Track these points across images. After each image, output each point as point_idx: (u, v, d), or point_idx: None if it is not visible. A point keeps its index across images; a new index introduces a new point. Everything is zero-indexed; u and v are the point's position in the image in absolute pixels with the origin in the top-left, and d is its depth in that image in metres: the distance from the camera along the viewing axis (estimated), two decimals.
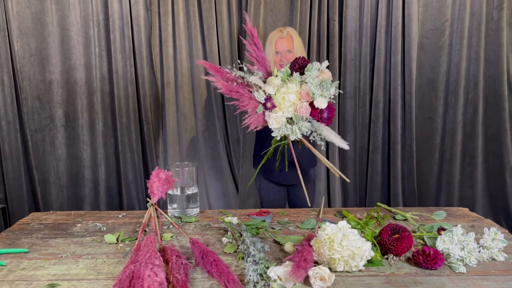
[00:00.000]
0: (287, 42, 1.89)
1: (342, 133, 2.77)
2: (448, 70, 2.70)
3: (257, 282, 0.94)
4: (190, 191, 1.46)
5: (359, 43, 2.67)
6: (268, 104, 1.33)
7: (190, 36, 2.64)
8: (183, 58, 2.65)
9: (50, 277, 1.02)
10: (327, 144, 2.75)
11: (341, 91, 1.54)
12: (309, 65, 1.36)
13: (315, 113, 1.35)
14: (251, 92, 1.36)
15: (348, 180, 1.46)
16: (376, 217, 1.40)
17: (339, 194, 2.79)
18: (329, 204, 2.82)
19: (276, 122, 1.33)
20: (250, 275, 0.95)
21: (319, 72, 1.37)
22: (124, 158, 2.71)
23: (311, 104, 1.35)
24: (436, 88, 2.72)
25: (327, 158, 2.76)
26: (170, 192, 1.44)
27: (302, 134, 1.36)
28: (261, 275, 0.96)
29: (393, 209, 1.51)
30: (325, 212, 1.53)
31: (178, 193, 1.45)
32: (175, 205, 1.46)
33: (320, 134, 1.38)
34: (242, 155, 2.69)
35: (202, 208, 1.54)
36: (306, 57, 1.87)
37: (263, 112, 1.35)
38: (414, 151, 2.74)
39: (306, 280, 0.96)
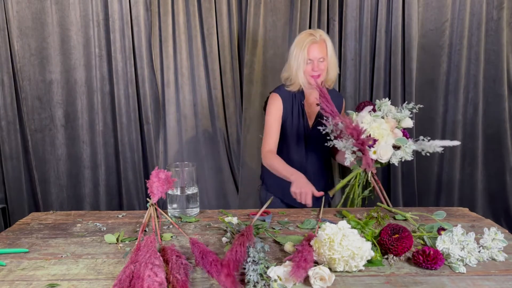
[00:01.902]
0: (321, 49, 1.67)
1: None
2: (448, 70, 2.70)
3: (257, 282, 0.94)
4: (190, 191, 1.46)
5: (359, 43, 2.67)
6: (370, 141, 1.47)
7: (190, 36, 2.64)
8: (183, 58, 2.65)
9: (50, 277, 1.02)
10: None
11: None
12: (378, 103, 1.59)
13: (405, 135, 1.57)
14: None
15: (392, 209, 1.52)
16: (376, 217, 1.40)
17: (339, 194, 2.78)
18: (329, 204, 2.81)
19: (386, 153, 1.49)
20: (250, 275, 0.96)
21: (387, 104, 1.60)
22: (124, 158, 2.71)
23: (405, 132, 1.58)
24: (436, 88, 2.72)
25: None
26: (170, 192, 1.44)
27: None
28: (261, 275, 0.96)
29: (393, 209, 1.51)
30: (325, 212, 1.53)
31: (178, 193, 1.46)
32: (175, 205, 1.46)
33: (423, 150, 1.60)
34: (242, 155, 2.69)
35: (202, 208, 1.54)
36: (337, 67, 1.80)
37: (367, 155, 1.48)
38: (414, 151, 2.74)
39: (306, 280, 0.96)
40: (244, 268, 1.00)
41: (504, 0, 2.57)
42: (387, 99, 1.62)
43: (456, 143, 1.57)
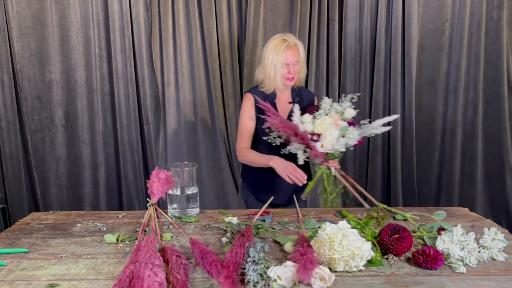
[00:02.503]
0: (295, 53, 1.78)
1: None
2: (448, 70, 2.70)
3: (257, 282, 0.94)
4: (190, 191, 1.46)
5: (359, 43, 2.67)
6: (315, 137, 1.60)
7: (190, 36, 2.64)
8: (183, 58, 2.65)
9: (50, 277, 1.02)
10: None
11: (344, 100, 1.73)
12: (321, 103, 1.73)
13: (351, 125, 1.65)
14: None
15: (367, 206, 1.63)
16: (376, 217, 1.40)
17: (339, 194, 2.78)
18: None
19: (331, 143, 1.60)
20: (250, 275, 0.96)
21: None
22: (124, 158, 2.71)
23: (350, 123, 1.66)
24: (436, 88, 2.72)
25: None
26: (170, 192, 1.44)
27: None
28: (261, 275, 0.96)
29: (393, 209, 1.51)
30: (325, 212, 1.53)
31: (178, 193, 1.45)
32: (175, 205, 1.46)
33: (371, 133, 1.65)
34: None
35: (202, 208, 1.54)
36: (306, 65, 1.92)
37: (317, 151, 1.61)
38: (414, 151, 2.74)
39: None
40: (244, 268, 1.00)
41: (504, 0, 2.57)
42: (326, 97, 1.75)
43: (395, 116, 1.69)
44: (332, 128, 1.61)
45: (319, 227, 1.31)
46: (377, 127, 1.64)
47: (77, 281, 0.99)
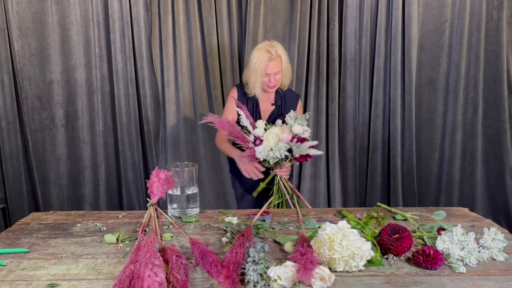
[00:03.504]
0: (277, 64, 1.84)
1: (342, 133, 2.77)
2: (448, 70, 2.70)
3: (257, 282, 0.94)
4: (190, 191, 1.46)
5: (359, 43, 2.67)
6: (257, 141, 1.75)
7: (190, 36, 2.64)
8: (183, 58, 2.65)
9: (50, 277, 1.02)
10: (327, 145, 2.76)
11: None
12: (287, 116, 1.85)
13: (298, 141, 1.72)
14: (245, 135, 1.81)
15: (310, 207, 1.69)
16: (376, 217, 1.40)
17: (339, 194, 2.79)
18: (329, 204, 2.82)
19: (264, 150, 1.72)
20: (250, 275, 0.96)
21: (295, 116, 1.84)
22: (124, 158, 2.71)
23: (298, 139, 1.74)
24: (436, 88, 2.72)
25: (327, 158, 2.77)
26: (170, 192, 1.44)
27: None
28: (261, 275, 0.96)
29: (393, 209, 1.51)
30: (325, 212, 1.53)
31: (178, 193, 1.45)
32: (175, 205, 1.46)
33: (295, 153, 1.72)
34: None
35: (202, 208, 1.54)
36: (291, 73, 2.00)
37: (253, 154, 1.75)
38: (414, 151, 2.74)
39: None
40: (244, 268, 1.00)
41: (504, 0, 2.57)
42: (292, 111, 1.86)
43: (320, 152, 1.75)
44: (272, 138, 1.73)
45: (319, 227, 1.31)
46: (304, 148, 1.70)
47: (77, 281, 0.99)
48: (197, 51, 2.65)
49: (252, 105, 1.97)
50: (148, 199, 1.36)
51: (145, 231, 1.32)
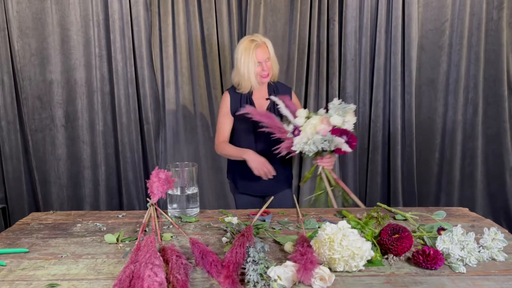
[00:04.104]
0: (264, 50, 1.84)
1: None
2: (448, 70, 2.70)
3: (257, 282, 0.94)
4: (190, 191, 1.46)
5: (359, 43, 2.67)
6: (296, 131, 1.69)
7: (190, 36, 2.64)
8: (183, 58, 2.65)
9: (50, 277, 1.02)
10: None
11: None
12: (330, 104, 1.73)
13: (336, 134, 1.63)
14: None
15: (363, 206, 1.67)
16: (376, 217, 1.40)
17: (339, 195, 2.78)
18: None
19: (298, 142, 1.67)
20: (250, 275, 0.96)
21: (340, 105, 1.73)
22: (124, 158, 2.71)
23: (336, 130, 1.64)
24: (436, 88, 2.72)
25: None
26: (170, 192, 1.44)
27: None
28: (261, 275, 0.96)
29: (393, 209, 1.51)
30: (325, 212, 1.53)
31: (178, 193, 1.45)
32: (175, 205, 1.46)
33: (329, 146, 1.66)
34: None
35: (202, 208, 1.54)
36: (277, 62, 1.97)
37: (290, 145, 1.70)
38: (414, 151, 2.74)
39: None
40: (244, 268, 1.00)
41: (504, 0, 2.57)
42: (336, 99, 1.75)
43: (349, 150, 1.66)
44: (309, 129, 1.66)
45: (319, 227, 1.31)
46: (337, 143, 1.63)
47: (77, 281, 0.99)
48: (197, 51, 2.64)
49: (246, 103, 1.96)
50: (148, 199, 1.36)
51: (145, 231, 1.32)
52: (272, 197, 1.70)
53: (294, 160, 2.29)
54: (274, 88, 1.99)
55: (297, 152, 1.69)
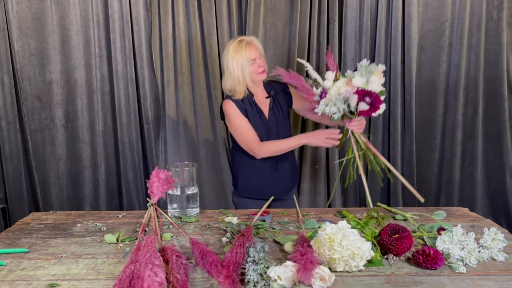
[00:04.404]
0: (255, 48, 1.85)
1: (342, 133, 2.76)
2: (448, 70, 2.70)
3: (257, 282, 0.94)
4: (190, 191, 1.46)
5: (359, 43, 2.67)
6: (322, 95, 1.70)
7: (190, 36, 2.64)
8: (183, 58, 2.65)
9: (50, 277, 1.02)
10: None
11: None
12: (359, 64, 1.72)
13: (360, 95, 1.60)
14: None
15: (422, 200, 1.68)
16: (376, 217, 1.40)
17: (339, 194, 2.78)
18: (329, 204, 2.81)
19: (321, 104, 1.68)
20: (250, 275, 0.96)
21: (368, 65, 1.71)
22: (124, 158, 2.71)
23: (359, 92, 1.61)
24: (436, 88, 2.72)
25: (327, 158, 2.77)
26: (170, 192, 1.44)
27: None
28: (261, 275, 0.96)
29: (393, 209, 1.51)
30: (325, 212, 1.53)
31: (178, 193, 1.46)
32: (175, 205, 1.46)
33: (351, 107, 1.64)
34: None
35: (202, 208, 1.54)
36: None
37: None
38: (414, 151, 2.74)
39: None
40: (244, 268, 1.00)
41: (504, 0, 2.57)
42: (365, 59, 1.73)
43: (365, 107, 1.62)
44: (334, 92, 1.64)
45: (319, 227, 1.31)
46: (353, 101, 1.61)
47: (77, 281, 0.99)
48: (197, 51, 2.64)
49: (251, 107, 1.94)
50: (148, 199, 1.36)
51: (145, 231, 1.32)
52: (272, 197, 1.70)
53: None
54: (270, 86, 1.99)
55: (319, 113, 1.69)
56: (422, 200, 1.67)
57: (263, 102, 1.98)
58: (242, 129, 1.89)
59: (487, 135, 2.75)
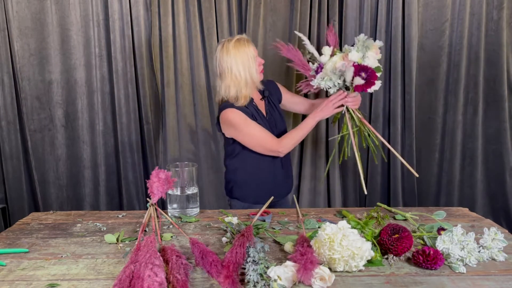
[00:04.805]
0: (253, 45, 1.81)
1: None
2: (448, 70, 2.70)
3: (257, 282, 0.94)
4: (190, 191, 1.46)
5: None
6: (318, 69, 1.70)
7: (190, 36, 2.64)
8: (183, 58, 2.65)
9: (50, 277, 1.02)
10: (327, 145, 2.75)
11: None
12: (357, 39, 1.71)
13: (356, 70, 1.59)
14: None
15: (417, 175, 1.71)
16: (376, 217, 1.40)
17: (339, 194, 2.78)
18: (329, 204, 2.81)
19: (319, 78, 1.68)
20: (250, 275, 0.96)
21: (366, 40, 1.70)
22: (124, 158, 2.71)
23: (355, 67, 1.61)
24: (436, 88, 2.72)
25: (327, 158, 2.77)
26: (170, 192, 1.44)
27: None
28: (261, 275, 0.96)
29: (393, 209, 1.51)
30: (325, 212, 1.53)
31: (178, 193, 1.46)
32: (175, 205, 1.46)
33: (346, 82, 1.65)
34: None
35: (202, 208, 1.54)
36: None
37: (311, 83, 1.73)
38: (414, 151, 2.74)
39: None
40: (244, 268, 1.00)
41: (504, 0, 2.57)
42: (362, 34, 1.73)
43: (361, 81, 1.62)
44: (330, 66, 1.65)
45: (319, 227, 1.31)
46: (349, 74, 1.60)
47: (77, 281, 0.99)
48: (197, 51, 2.64)
49: (255, 111, 1.83)
50: (148, 199, 1.36)
51: (145, 231, 1.32)
52: (272, 197, 1.70)
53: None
54: (263, 86, 1.89)
55: (315, 87, 1.69)
56: (416, 175, 1.68)
57: (260, 103, 1.90)
58: (258, 134, 1.74)
59: (487, 135, 2.74)
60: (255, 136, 1.74)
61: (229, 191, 1.93)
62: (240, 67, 1.69)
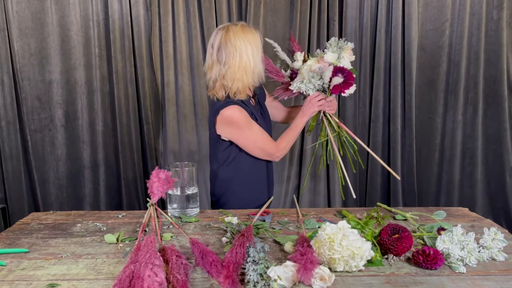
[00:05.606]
0: None
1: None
2: (448, 70, 2.70)
3: (257, 282, 0.94)
4: (190, 191, 1.46)
5: (359, 43, 2.67)
6: (293, 75, 1.70)
7: (190, 36, 2.64)
8: (183, 58, 2.65)
9: (50, 277, 1.02)
10: (327, 145, 2.74)
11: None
12: (328, 43, 1.71)
13: (333, 71, 1.60)
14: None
15: (398, 177, 1.61)
16: (376, 217, 1.40)
17: (339, 194, 2.79)
18: (329, 204, 2.82)
19: (298, 80, 1.65)
20: (250, 275, 0.95)
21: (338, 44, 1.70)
22: (124, 158, 2.71)
23: (335, 69, 1.60)
24: (436, 88, 2.72)
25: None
26: (170, 192, 1.44)
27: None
28: (261, 275, 0.96)
29: (393, 209, 1.51)
30: (325, 212, 1.53)
31: (178, 193, 1.45)
32: (175, 205, 1.46)
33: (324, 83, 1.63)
34: None
35: (202, 208, 1.54)
36: None
37: (288, 88, 1.70)
38: (414, 151, 2.74)
39: None
40: (244, 268, 1.00)
41: (504, 0, 2.57)
42: (333, 38, 1.73)
43: (340, 80, 1.60)
44: (305, 71, 1.63)
45: (319, 227, 1.31)
46: (326, 76, 1.59)
47: (77, 281, 0.99)
48: (197, 51, 2.64)
49: (254, 109, 1.67)
50: (148, 199, 1.36)
51: (145, 231, 1.32)
52: (272, 197, 1.70)
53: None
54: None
55: (295, 91, 1.65)
56: (398, 177, 1.64)
57: (255, 103, 1.74)
58: (260, 137, 1.59)
59: (487, 135, 2.75)
60: (257, 138, 1.59)
61: (220, 206, 1.69)
62: (249, 53, 1.48)
